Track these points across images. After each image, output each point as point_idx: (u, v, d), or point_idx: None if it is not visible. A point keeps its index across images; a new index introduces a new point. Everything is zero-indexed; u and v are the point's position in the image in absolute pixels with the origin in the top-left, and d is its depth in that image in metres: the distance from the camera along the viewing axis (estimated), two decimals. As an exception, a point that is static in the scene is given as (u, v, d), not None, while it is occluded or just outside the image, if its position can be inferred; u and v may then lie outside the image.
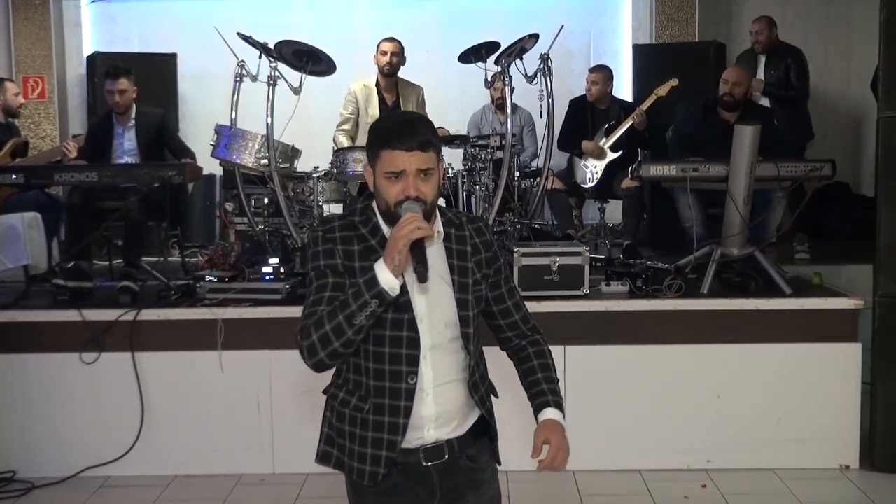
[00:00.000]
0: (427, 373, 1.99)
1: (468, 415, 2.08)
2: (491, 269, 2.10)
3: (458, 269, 2.03)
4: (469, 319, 2.02)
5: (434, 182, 1.96)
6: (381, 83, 5.89)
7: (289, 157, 4.85)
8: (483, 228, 2.11)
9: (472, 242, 2.07)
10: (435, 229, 2.01)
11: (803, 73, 6.44)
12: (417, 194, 1.92)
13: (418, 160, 1.93)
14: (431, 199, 1.96)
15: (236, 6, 7.54)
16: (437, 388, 2.01)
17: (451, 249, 2.04)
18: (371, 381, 2.01)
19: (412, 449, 2.01)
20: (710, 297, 4.29)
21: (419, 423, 2.00)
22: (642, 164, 4.77)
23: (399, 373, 1.98)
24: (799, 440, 4.17)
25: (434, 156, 1.96)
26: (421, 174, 1.93)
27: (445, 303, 2.01)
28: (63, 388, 4.21)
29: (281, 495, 3.99)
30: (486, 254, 2.09)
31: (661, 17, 7.44)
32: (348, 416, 2.04)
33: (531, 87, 5.25)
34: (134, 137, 5.32)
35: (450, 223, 2.07)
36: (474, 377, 2.07)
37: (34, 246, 4.86)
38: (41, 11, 7.48)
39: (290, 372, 4.19)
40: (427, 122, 2.02)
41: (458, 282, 2.02)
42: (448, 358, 2.02)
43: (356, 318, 1.86)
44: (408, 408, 1.98)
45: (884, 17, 4.07)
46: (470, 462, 2.08)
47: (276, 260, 4.53)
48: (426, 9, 7.70)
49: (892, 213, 4.11)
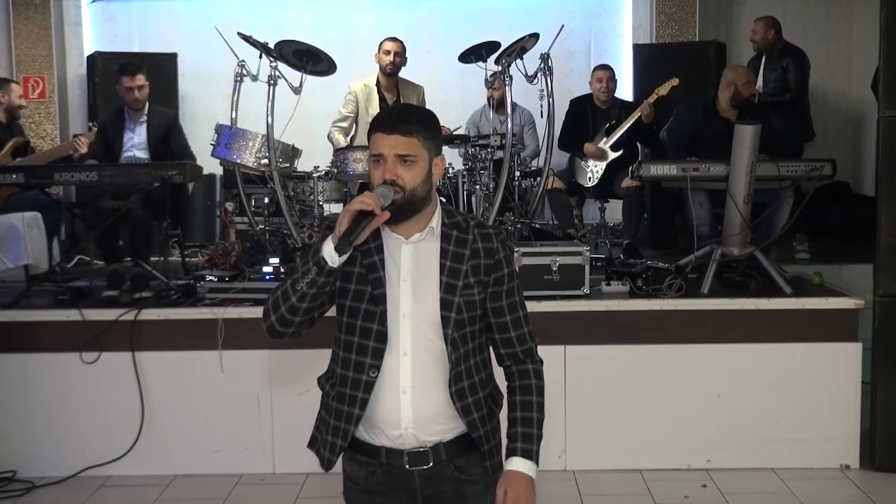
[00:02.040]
0: (405, 370, 1.97)
1: (456, 421, 2.02)
2: (490, 278, 2.04)
3: (448, 269, 2.00)
4: (450, 321, 1.98)
5: (416, 171, 1.94)
6: (381, 82, 5.89)
7: (289, 156, 4.86)
8: (492, 236, 2.06)
9: (474, 247, 2.03)
10: (430, 224, 2.01)
11: (802, 74, 6.43)
12: (393, 178, 1.92)
13: (398, 144, 1.92)
14: (411, 188, 1.93)
15: (236, 6, 7.53)
16: (417, 388, 1.98)
17: (447, 250, 2.01)
18: (339, 370, 2.04)
19: (397, 450, 2.00)
20: (711, 297, 4.29)
21: (396, 421, 1.98)
22: (642, 164, 4.77)
23: (362, 364, 1.98)
24: (799, 440, 4.17)
25: (417, 143, 1.94)
26: (401, 160, 1.93)
27: (431, 302, 1.99)
28: (63, 388, 4.21)
29: (281, 495, 3.99)
30: (487, 260, 2.03)
31: (661, 16, 7.44)
32: (325, 403, 2.12)
33: (531, 87, 5.25)
34: (144, 132, 5.37)
35: (454, 225, 2.04)
36: (459, 384, 2.00)
37: (34, 246, 4.86)
38: (41, 11, 7.47)
39: (290, 372, 4.19)
40: (421, 113, 2.01)
41: (446, 282, 1.99)
42: (430, 359, 1.99)
43: (299, 283, 1.89)
44: (364, 400, 1.98)
45: (884, 17, 4.06)
46: (458, 472, 2.04)
47: (276, 260, 4.54)
48: (426, 9, 7.70)
49: (892, 213, 4.11)
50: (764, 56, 6.50)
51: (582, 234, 5.95)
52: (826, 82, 7.46)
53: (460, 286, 1.99)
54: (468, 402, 2.02)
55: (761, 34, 6.45)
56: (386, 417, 1.98)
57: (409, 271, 1.99)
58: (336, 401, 2.04)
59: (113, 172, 4.78)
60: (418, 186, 1.95)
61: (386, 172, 1.92)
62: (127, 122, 5.38)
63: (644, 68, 7.08)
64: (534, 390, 2.08)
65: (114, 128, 5.42)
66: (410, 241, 2.01)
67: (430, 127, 1.99)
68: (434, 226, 2.02)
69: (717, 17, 7.61)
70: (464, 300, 2.00)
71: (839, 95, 7.57)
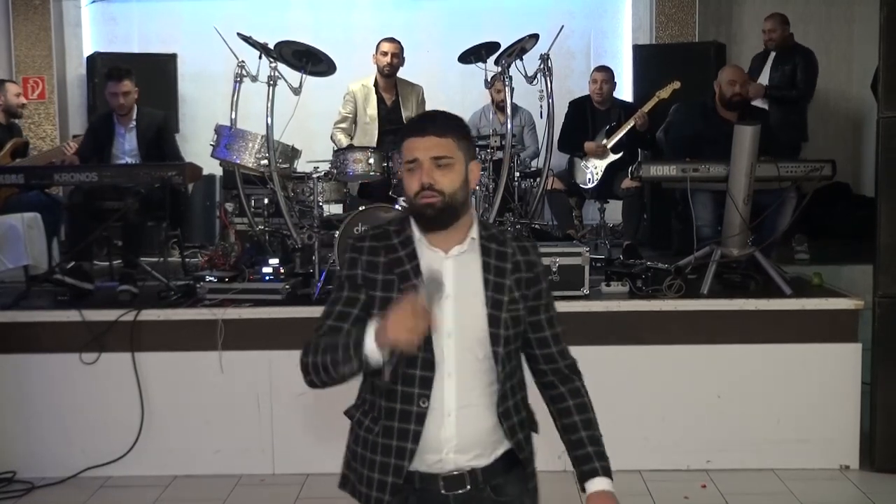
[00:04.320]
0: (450, 393, 1.88)
1: (496, 444, 1.94)
2: (531, 291, 1.95)
3: (493, 284, 1.91)
4: (499, 338, 1.89)
5: (454, 175, 1.86)
6: (379, 83, 5.89)
7: (289, 157, 4.86)
8: (529, 248, 1.99)
9: (514, 259, 1.94)
10: (469, 235, 1.93)
11: (812, 74, 6.37)
12: (430, 182, 1.84)
13: (432, 146, 1.85)
14: (450, 192, 1.85)
15: (236, 6, 7.53)
16: (462, 411, 1.88)
17: (489, 264, 1.92)
18: (383, 402, 1.92)
19: (432, 475, 1.90)
20: (711, 298, 4.29)
21: (437, 446, 1.89)
22: (642, 165, 4.78)
23: (411, 395, 1.87)
24: (799, 440, 4.17)
25: (452, 144, 1.87)
26: (436, 162, 1.85)
27: (477, 319, 1.89)
28: (63, 388, 4.21)
29: (281, 495, 3.99)
30: (527, 274, 1.95)
31: (661, 17, 7.44)
32: (361, 438, 1.97)
33: (531, 88, 5.25)
34: (135, 138, 5.32)
35: (492, 238, 1.96)
36: (506, 404, 1.92)
37: (34, 246, 4.87)
38: (41, 12, 7.47)
39: (290, 372, 4.13)
40: (451, 116, 1.95)
41: (492, 297, 1.89)
42: (476, 379, 1.90)
43: (339, 367, 1.81)
44: (417, 432, 1.87)
45: (884, 17, 4.06)
46: (493, 494, 1.94)
47: (276, 260, 4.54)
48: (426, 9, 7.69)
49: (892, 213, 4.11)
50: (773, 53, 6.46)
51: (581, 234, 5.95)
52: (826, 83, 7.43)
53: (506, 301, 1.90)
54: (514, 422, 1.96)
55: (779, 32, 6.39)
56: (428, 443, 1.89)
57: (451, 287, 1.87)
58: (383, 437, 1.91)
59: (113, 173, 4.78)
60: (457, 191, 1.87)
61: (423, 176, 1.85)
62: (117, 128, 5.31)
63: (644, 69, 7.08)
64: (590, 408, 2.03)
65: (104, 132, 5.35)
66: (451, 255, 1.92)
67: (462, 128, 1.93)
68: (475, 236, 1.94)
69: (717, 18, 7.60)
70: (510, 315, 1.91)
71: (839, 96, 7.56)
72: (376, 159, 4.75)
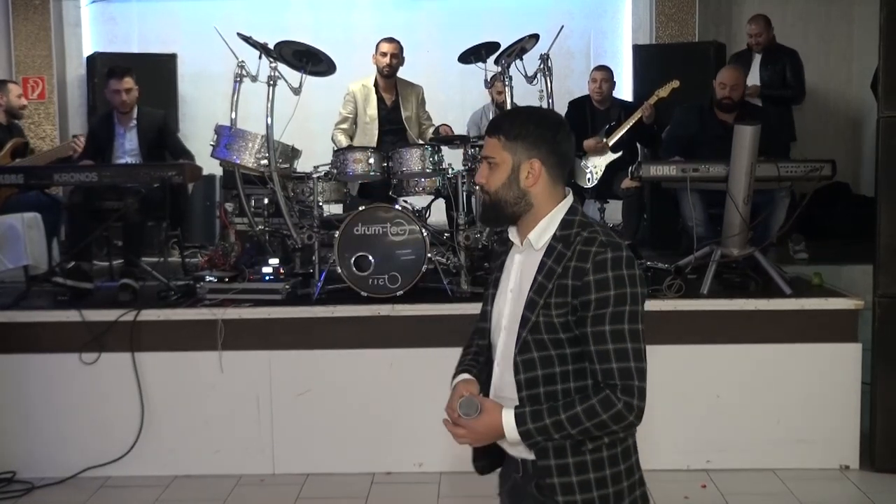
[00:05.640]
0: (496, 382, 1.97)
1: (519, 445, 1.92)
2: (577, 301, 1.83)
3: (537, 285, 1.87)
4: (522, 341, 1.86)
5: (498, 174, 1.91)
6: (379, 83, 5.89)
7: (289, 157, 4.85)
8: (588, 255, 1.83)
9: (567, 265, 1.84)
10: (545, 233, 1.91)
11: (800, 73, 6.45)
12: (482, 181, 1.94)
13: (485, 146, 1.94)
14: (493, 191, 1.92)
15: (236, 6, 7.54)
16: (503, 401, 1.92)
17: (545, 264, 1.88)
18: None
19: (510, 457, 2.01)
20: (710, 298, 4.29)
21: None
22: (642, 165, 4.78)
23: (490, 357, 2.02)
24: (799, 440, 4.17)
25: (497, 145, 1.91)
26: (487, 162, 1.94)
27: (518, 318, 1.91)
28: (63, 388, 4.21)
29: (281, 495, 3.99)
30: (574, 282, 1.82)
31: (661, 17, 7.44)
32: None
33: (531, 88, 5.24)
34: (135, 138, 5.32)
35: (563, 239, 1.89)
36: (521, 409, 1.87)
37: (34, 246, 4.87)
38: (41, 12, 7.48)
39: (290, 372, 4.19)
40: (519, 113, 2.03)
41: (530, 298, 1.87)
42: (509, 374, 1.92)
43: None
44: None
45: (884, 17, 4.06)
46: (537, 493, 1.92)
47: (276, 260, 4.54)
48: (426, 9, 7.70)
49: (892, 214, 4.11)
50: (759, 55, 6.50)
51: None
52: (826, 83, 7.45)
53: (541, 304, 1.85)
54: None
55: (765, 35, 6.45)
56: None
57: (514, 282, 1.95)
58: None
59: (112, 173, 4.78)
60: (500, 189, 1.91)
61: (477, 175, 1.97)
62: (117, 128, 5.32)
63: (644, 69, 7.09)
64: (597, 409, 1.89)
65: (103, 133, 5.35)
66: (520, 251, 1.97)
67: (520, 126, 1.91)
68: (532, 238, 1.92)
69: (717, 18, 7.61)
70: (543, 320, 1.85)
71: (839, 96, 7.56)
72: (376, 159, 4.75)
